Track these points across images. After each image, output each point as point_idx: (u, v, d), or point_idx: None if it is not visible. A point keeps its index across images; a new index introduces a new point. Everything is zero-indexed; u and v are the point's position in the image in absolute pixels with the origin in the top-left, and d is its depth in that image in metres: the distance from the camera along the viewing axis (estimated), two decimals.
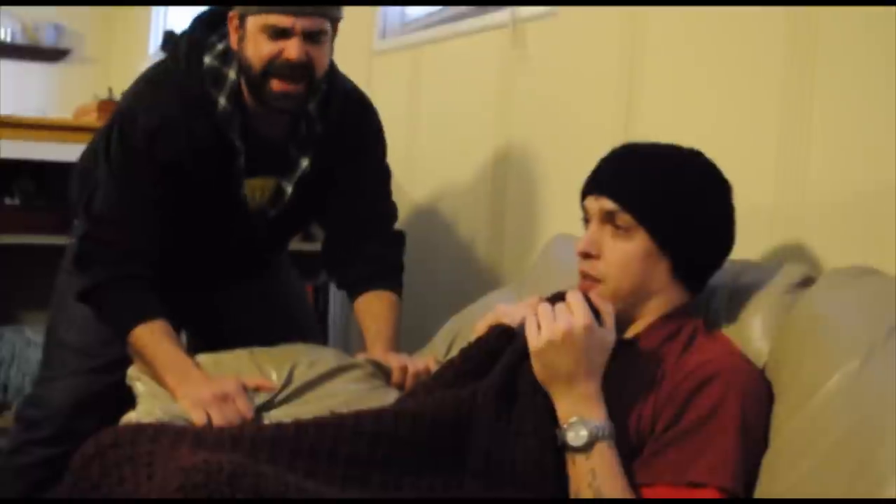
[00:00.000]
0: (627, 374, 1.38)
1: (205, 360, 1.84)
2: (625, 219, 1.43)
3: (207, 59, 1.90)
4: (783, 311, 1.47)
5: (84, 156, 2.26)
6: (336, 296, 3.17)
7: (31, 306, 3.45)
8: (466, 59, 2.77)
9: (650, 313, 1.47)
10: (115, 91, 3.79)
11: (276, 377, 1.80)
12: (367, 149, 2.10)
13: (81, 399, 2.08)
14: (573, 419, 1.31)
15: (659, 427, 1.33)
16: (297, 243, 2.63)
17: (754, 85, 1.83)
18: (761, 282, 1.53)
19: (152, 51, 5.45)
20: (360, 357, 1.91)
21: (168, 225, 1.92)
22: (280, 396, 1.75)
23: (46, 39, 6.45)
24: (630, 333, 1.47)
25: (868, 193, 1.59)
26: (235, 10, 1.85)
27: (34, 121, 3.35)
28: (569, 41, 2.36)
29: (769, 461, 1.29)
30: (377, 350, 1.96)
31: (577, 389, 1.32)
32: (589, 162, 1.53)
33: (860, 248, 1.59)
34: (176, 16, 5.52)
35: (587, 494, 1.28)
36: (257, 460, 1.30)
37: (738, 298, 1.54)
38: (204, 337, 2.27)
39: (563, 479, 1.31)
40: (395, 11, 3.24)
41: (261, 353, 1.88)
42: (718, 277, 1.53)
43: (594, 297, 1.38)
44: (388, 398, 1.73)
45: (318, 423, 1.39)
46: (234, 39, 1.87)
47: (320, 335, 2.42)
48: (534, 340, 1.33)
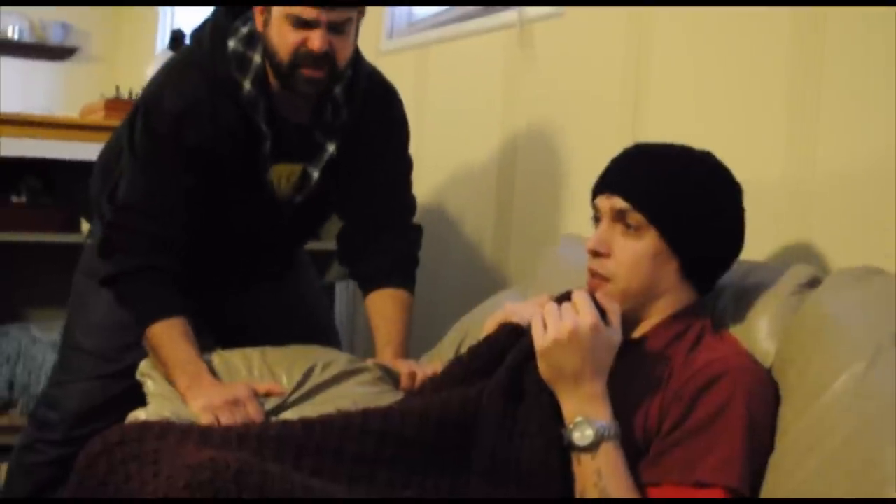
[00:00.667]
0: (634, 374, 1.38)
1: (215, 360, 1.84)
2: (636, 218, 1.43)
3: (232, 43, 1.88)
4: (790, 311, 1.47)
5: (104, 151, 2.24)
6: (341, 296, 3.18)
7: (37, 304, 3.46)
8: (473, 60, 2.77)
9: (658, 313, 1.47)
10: (122, 89, 3.79)
11: (286, 380, 1.80)
12: (390, 136, 2.08)
13: (96, 403, 2.08)
14: (579, 419, 1.31)
15: (665, 426, 1.33)
16: None
17: (761, 85, 1.83)
18: (768, 282, 1.53)
19: (159, 50, 5.45)
20: (370, 362, 1.91)
21: (195, 212, 1.90)
22: (290, 399, 1.75)
23: (53, 38, 6.45)
24: (638, 333, 1.47)
25: (875, 194, 1.59)
26: None
27: (41, 119, 3.36)
28: (576, 41, 2.36)
29: (776, 461, 1.29)
30: (387, 355, 1.96)
31: (582, 389, 1.31)
32: (596, 162, 1.53)
33: (867, 248, 1.59)
34: (183, 15, 5.52)
35: (593, 494, 1.28)
36: (263, 458, 1.30)
37: (745, 299, 1.54)
38: (223, 336, 2.28)
39: (568, 479, 1.31)
40: (402, 12, 3.24)
41: (272, 354, 1.88)
42: (725, 277, 1.53)
43: (600, 297, 1.38)
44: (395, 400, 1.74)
45: (325, 422, 1.40)
46: (260, 22, 1.85)
47: (338, 336, 2.42)
48: (540, 340, 1.33)
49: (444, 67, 2.92)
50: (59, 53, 6.51)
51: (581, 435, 1.30)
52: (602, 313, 1.34)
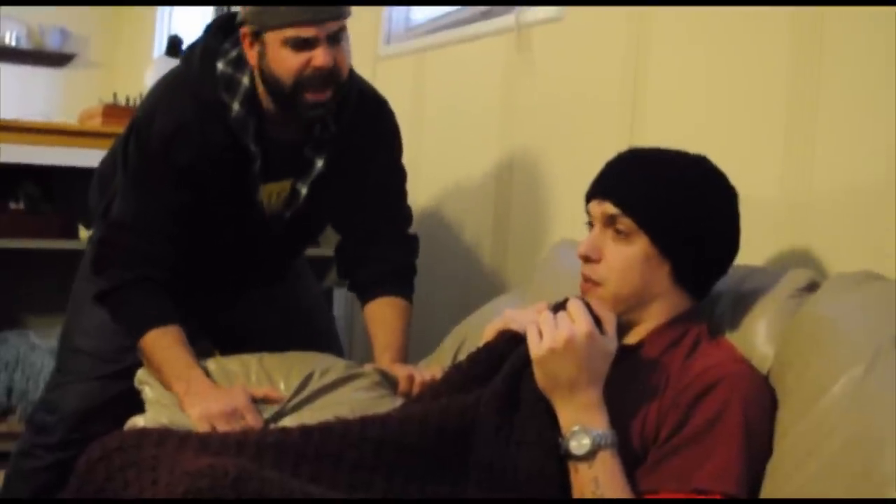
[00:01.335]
0: (630, 382, 1.38)
1: (212, 366, 1.84)
2: (625, 223, 1.43)
3: (220, 66, 1.89)
4: (788, 315, 1.47)
5: (104, 162, 2.26)
6: (339, 302, 3.18)
7: (36, 310, 3.46)
8: (471, 64, 2.77)
9: (652, 318, 1.47)
10: (119, 95, 3.79)
11: (284, 386, 1.80)
12: (381, 148, 2.09)
13: (94, 404, 2.08)
14: (575, 428, 1.30)
15: (663, 434, 1.33)
16: None
17: (760, 90, 1.83)
18: (766, 286, 1.53)
19: (157, 55, 5.46)
20: (368, 367, 1.91)
21: (186, 230, 1.92)
22: (289, 405, 1.75)
23: (51, 44, 6.46)
24: (632, 339, 1.47)
25: (874, 198, 1.59)
26: (247, 27, 1.82)
27: (39, 125, 3.36)
28: (574, 46, 2.36)
29: (774, 466, 1.29)
30: (385, 360, 1.96)
31: (579, 397, 1.31)
32: (594, 166, 1.53)
33: (865, 253, 1.59)
34: (181, 21, 5.53)
35: None
36: (262, 465, 1.30)
37: (743, 303, 1.54)
38: (223, 343, 2.28)
39: (565, 488, 1.31)
40: (399, 17, 3.24)
41: (270, 360, 1.88)
42: (723, 282, 1.53)
43: (595, 305, 1.37)
44: (394, 407, 1.74)
45: (324, 429, 1.39)
46: (252, 56, 1.85)
47: (339, 341, 2.42)
48: (535, 348, 1.32)
49: (441, 72, 2.92)
50: (58, 59, 6.51)
51: (578, 444, 1.29)
52: (597, 322, 1.34)
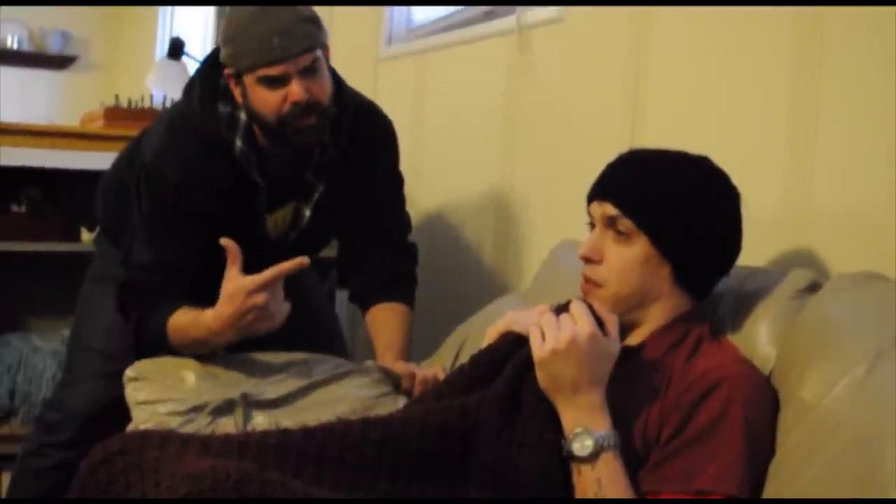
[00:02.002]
0: (632, 383, 1.38)
1: (198, 368, 1.83)
2: (626, 224, 1.43)
3: (221, 107, 1.92)
4: (790, 316, 1.47)
5: (110, 173, 2.29)
6: (341, 303, 3.17)
7: (38, 313, 3.45)
8: (472, 66, 2.77)
9: (653, 319, 1.47)
10: (121, 98, 3.79)
11: (277, 383, 1.80)
12: (379, 159, 2.11)
13: (102, 403, 2.09)
14: (578, 429, 1.30)
15: (664, 435, 1.33)
16: None
17: (761, 92, 1.83)
18: (768, 287, 1.53)
19: (159, 58, 5.46)
20: (369, 363, 1.92)
21: (201, 261, 1.94)
22: (291, 391, 1.75)
23: (53, 46, 6.46)
24: (634, 340, 1.47)
25: (875, 199, 1.59)
26: (229, 69, 1.86)
27: (41, 128, 3.36)
28: (575, 47, 2.36)
29: (776, 467, 1.28)
30: (387, 360, 1.97)
31: (581, 399, 1.31)
32: (595, 167, 1.53)
33: (867, 253, 1.59)
34: (182, 23, 5.53)
35: None
36: (264, 467, 1.30)
37: (745, 304, 1.54)
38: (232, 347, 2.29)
39: (568, 490, 1.31)
40: (401, 18, 3.24)
41: (264, 358, 1.88)
42: (725, 283, 1.53)
43: (598, 307, 1.37)
44: (396, 406, 1.74)
45: (326, 430, 1.40)
46: (238, 94, 1.89)
47: (343, 339, 2.44)
48: (538, 350, 1.32)
49: (443, 74, 2.92)
50: (59, 62, 6.52)
51: (581, 445, 1.29)
52: (600, 323, 1.34)
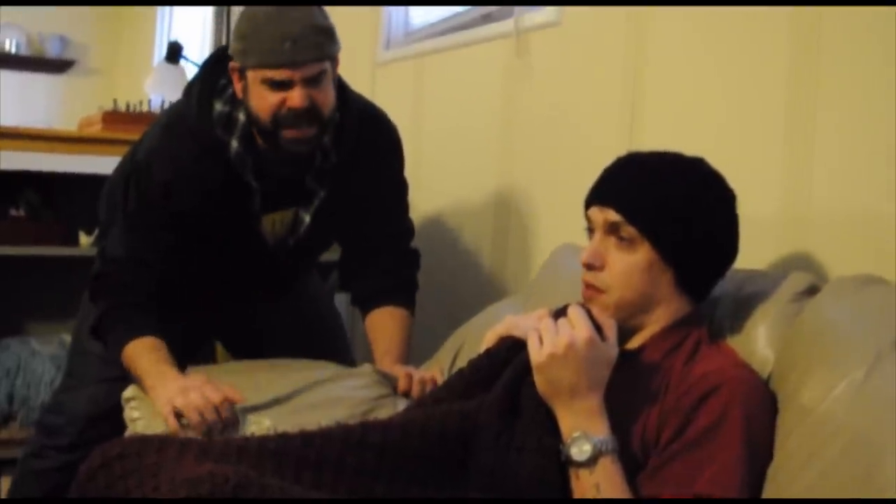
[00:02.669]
0: (631, 386, 1.38)
1: (196, 372, 1.83)
2: (629, 231, 1.43)
3: (218, 106, 1.91)
4: (789, 319, 1.47)
5: (114, 175, 2.29)
6: (340, 306, 3.17)
7: (37, 317, 3.45)
8: (470, 69, 2.77)
9: (654, 323, 1.47)
10: (119, 102, 3.79)
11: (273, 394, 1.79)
12: (383, 166, 2.10)
13: (102, 407, 2.09)
14: (576, 434, 1.30)
15: (663, 439, 1.33)
16: None
17: (759, 95, 1.83)
18: (767, 290, 1.53)
19: (157, 62, 5.46)
20: (366, 366, 1.91)
21: (184, 262, 1.96)
22: (287, 395, 1.75)
23: (51, 51, 6.46)
24: (633, 343, 1.47)
25: (873, 202, 1.59)
26: (235, 63, 1.85)
27: (39, 132, 3.36)
28: (573, 50, 2.36)
29: (775, 470, 1.28)
30: (385, 364, 1.97)
31: (579, 403, 1.31)
32: (593, 171, 1.53)
33: (865, 256, 1.59)
34: (181, 27, 5.53)
35: None
36: (263, 471, 1.30)
37: (744, 307, 1.54)
38: (236, 343, 2.33)
39: (567, 495, 1.30)
40: (399, 22, 3.24)
41: (260, 368, 1.88)
42: (724, 286, 1.53)
43: (596, 312, 1.37)
44: (395, 408, 1.74)
45: (325, 434, 1.39)
46: (239, 89, 1.88)
47: (346, 338, 2.45)
48: (536, 354, 1.32)
49: (441, 77, 2.93)
50: (57, 66, 6.51)
51: (579, 450, 1.29)
52: (598, 328, 1.33)
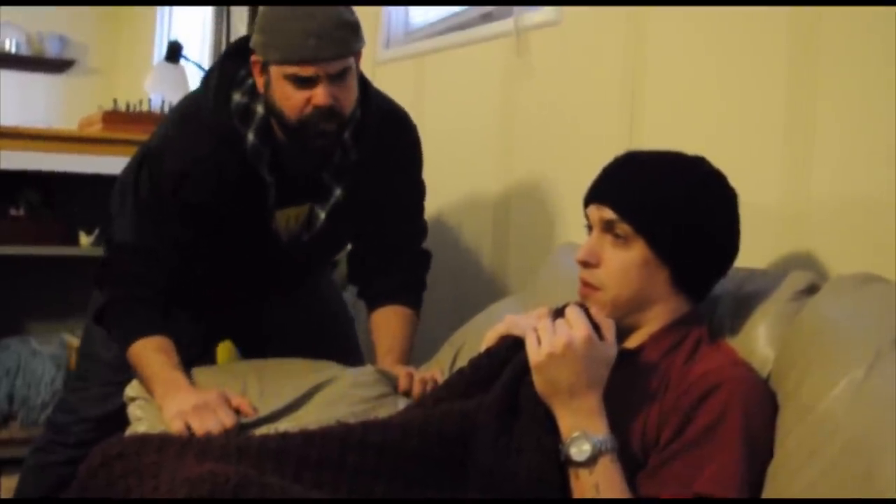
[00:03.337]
0: (631, 386, 1.38)
1: (202, 374, 1.84)
2: (623, 228, 1.43)
3: (237, 97, 1.87)
4: (788, 318, 1.47)
5: (124, 172, 2.27)
6: (347, 301, 3.17)
7: (37, 317, 3.45)
8: (470, 68, 2.77)
9: (652, 322, 1.47)
10: (119, 102, 3.79)
11: (277, 399, 1.79)
12: (402, 168, 2.08)
13: (110, 410, 2.11)
14: (576, 433, 1.30)
15: (663, 438, 1.33)
16: None
17: (758, 93, 1.83)
18: (766, 289, 1.53)
19: (157, 61, 5.46)
20: (367, 367, 1.91)
21: (194, 256, 1.95)
22: (288, 404, 1.74)
23: (51, 50, 6.46)
24: (632, 343, 1.47)
25: (873, 200, 1.59)
26: (257, 56, 1.81)
27: (39, 132, 3.36)
28: (572, 49, 2.36)
29: (775, 469, 1.28)
30: (387, 363, 1.97)
31: (578, 403, 1.31)
32: (593, 170, 1.53)
33: (865, 255, 1.59)
34: (180, 26, 5.53)
35: None
36: (263, 471, 1.30)
37: (744, 306, 1.54)
38: (248, 341, 2.33)
39: (566, 495, 1.30)
40: (398, 21, 3.24)
41: (264, 371, 1.88)
42: (723, 285, 1.53)
43: (594, 312, 1.37)
44: (395, 408, 1.74)
45: (325, 434, 1.39)
46: (260, 83, 1.84)
47: (356, 335, 2.44)
48: (534, 354, 1.32)
49: (441, 76, 2.93)
50: (57, 66, 6.51)
51: (578, 450, 1.29)
52: (596, 327, 1.33)
